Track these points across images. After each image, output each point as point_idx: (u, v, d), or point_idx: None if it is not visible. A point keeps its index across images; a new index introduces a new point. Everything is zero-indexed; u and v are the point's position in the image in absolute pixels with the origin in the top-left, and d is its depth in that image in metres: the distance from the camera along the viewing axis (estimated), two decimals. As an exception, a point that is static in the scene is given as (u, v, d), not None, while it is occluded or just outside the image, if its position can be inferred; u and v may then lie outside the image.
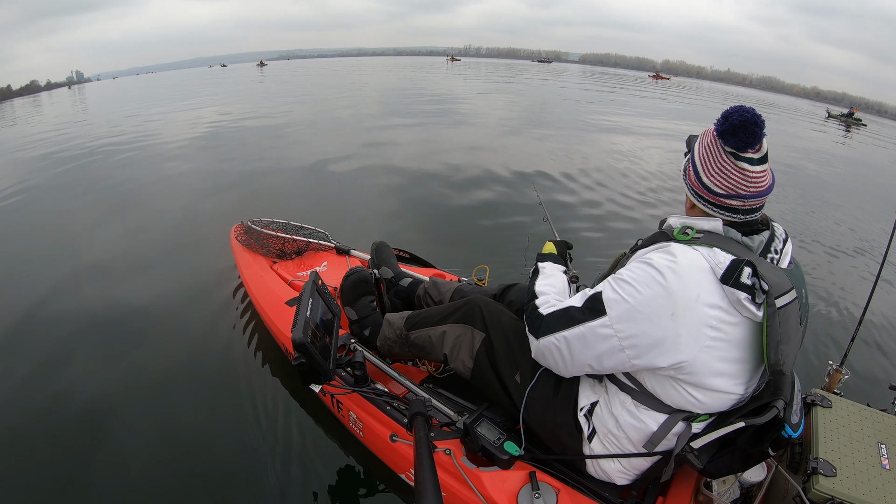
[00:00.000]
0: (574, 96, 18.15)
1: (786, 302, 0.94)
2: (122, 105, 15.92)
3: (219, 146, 7.42)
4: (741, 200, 0.99)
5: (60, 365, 2.27)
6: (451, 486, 1.27)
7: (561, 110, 13.25)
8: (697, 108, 18.84)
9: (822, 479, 1.13)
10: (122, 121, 11.06)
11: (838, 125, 22.28)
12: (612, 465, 1.19)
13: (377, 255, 2.06)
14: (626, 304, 0.99)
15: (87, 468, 1.72)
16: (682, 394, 1.03)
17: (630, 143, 8.48)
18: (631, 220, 4.42)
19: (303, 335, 1.17)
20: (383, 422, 1.51)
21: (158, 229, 4.04)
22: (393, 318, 1.67)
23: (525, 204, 4.57)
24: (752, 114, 0.95)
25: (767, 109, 25.11)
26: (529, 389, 1.28)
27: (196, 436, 1.86)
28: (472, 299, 1.50)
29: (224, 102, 14.30)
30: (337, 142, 7.45)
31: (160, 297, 2.87)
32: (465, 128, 9.28)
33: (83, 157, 6.96)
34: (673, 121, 12.68)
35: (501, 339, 1.38)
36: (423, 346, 1.56)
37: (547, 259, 1.41)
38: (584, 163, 6.48)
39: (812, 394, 1.40)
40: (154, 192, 5.12)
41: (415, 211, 4.46)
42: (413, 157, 6.29)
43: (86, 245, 3.74)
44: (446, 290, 1.84)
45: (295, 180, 5.50)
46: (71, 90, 36.02)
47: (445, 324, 1.50)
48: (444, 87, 18.75)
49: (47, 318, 2.66)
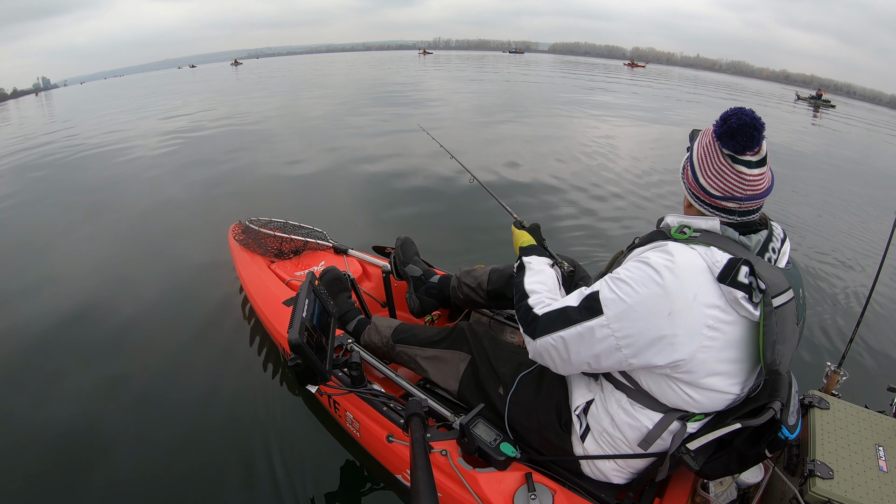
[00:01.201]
0: (568, 89, 18.18)
1: (783, 301, 0.94)
2: (100, 110, 15.35)
3: (207, 147, 7.39)
4: (737, 203, 0.99)
5: (57, 369, 2.27)
6: (447, 486, 1.27)
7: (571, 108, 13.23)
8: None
9: (819, 482, 1.13)
10: (102, 124, 10.91)
11: (807, 107, 23.56)
12: (607, 465, 1.19)
13: (403, 252, 2.03)
14: (624, 303, 0.98)
15: (82, 473, 1.72)
16: (678, 392, 1.03)
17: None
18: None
19: (299, 336, 1.17)
20: (380, 422, 1.50)
21: (148, 231, 4.04)
22: (381, 324, 1.73)
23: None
24: (750, 117, 0.94)
25: (738, 94, 26.81)
26: (510, 396, 1.32)
27: (191, 435, 1.86)
28: (459, 326, 1.57)
29: (224, 102, 14.17)
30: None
31: (157, 297, 2.87)
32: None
33: (52, 164, 6.79)
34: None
35: (483, 358, 1.45)
36: (407, 362, 1.63)
37: (531, 252, 1.37)
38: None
39: (810, 395, 1.39)
40: (155, 195, 5.08)
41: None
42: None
43: (80, 249, 3.73)
44: (480, 273, 1.84)
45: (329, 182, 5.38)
46: (38, 97, 34.72)
47: (435, 348, 1.56)
48: (433, 84, 18.40)
49: (43, 320, 2.67)
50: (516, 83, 19.55)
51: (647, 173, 6.01)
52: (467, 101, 12.68)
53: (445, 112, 10.48)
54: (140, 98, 18.23)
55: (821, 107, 24.46)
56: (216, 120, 9.95)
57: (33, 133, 10.65)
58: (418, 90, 15.13)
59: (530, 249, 1.39)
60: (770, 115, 15.02)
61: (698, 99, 19.25)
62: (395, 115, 9.78)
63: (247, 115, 10.50)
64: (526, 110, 11.37)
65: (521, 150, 6.83)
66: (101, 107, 16.25)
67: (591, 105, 12.99)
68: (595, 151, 6.99)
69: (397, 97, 13.01)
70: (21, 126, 13.13)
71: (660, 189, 5.39)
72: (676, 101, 17.33)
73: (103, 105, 16.91)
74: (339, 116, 9.86)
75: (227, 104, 13.17)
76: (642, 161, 6.66)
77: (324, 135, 8.02)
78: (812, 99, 27.13)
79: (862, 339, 2.65)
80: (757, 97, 27.71)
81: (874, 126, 18.45)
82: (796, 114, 18.40)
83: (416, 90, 15.05)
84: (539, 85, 19.54)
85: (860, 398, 1.47)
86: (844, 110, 25.89)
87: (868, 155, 10.60)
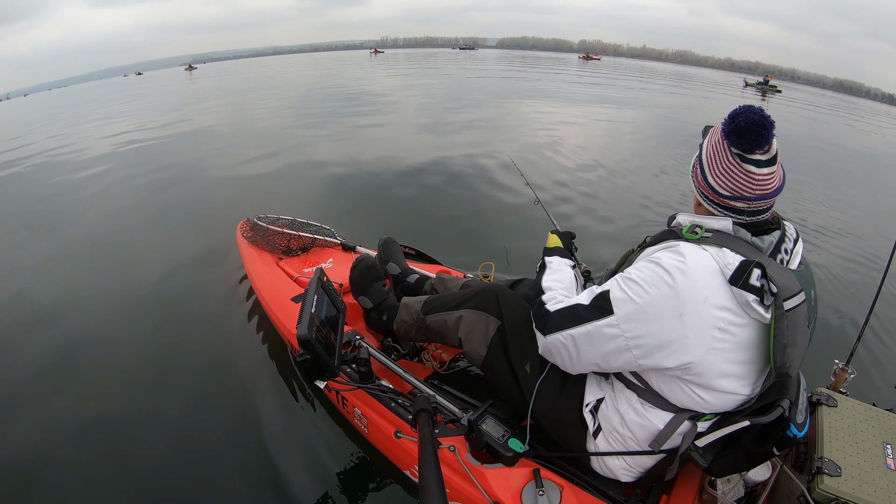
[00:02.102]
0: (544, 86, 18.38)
1: (794, 304, 0.93)
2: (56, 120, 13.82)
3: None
4: (746, 203, 0.98)
5: (67, 368, 2.30)
6: (455, 482, 1.28)
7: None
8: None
9: (826, 479, 1.13)
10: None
11: (755, 93, 25.19)
12: (616, 462, 1.19)
13: (384, 251, 2.06)
14: (634, 304, 0.98)
15: (107, 469, 1.75)
16: (689, 394, 1.03)
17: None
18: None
19: (307, 331, 1.18)
20: (388, 418, 1.51)
21: (158, 229, 4.06)
22: (410, 301, 1.67)
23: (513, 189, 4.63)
24: (759, 115, 0.93)
25: (687, 83, 27.86)
26: (540, 383, 1.28)
27: (200, 430, 1.88)
28: (489, 286, 1.50)
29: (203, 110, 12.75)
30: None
31: (165, 292, 2.90)
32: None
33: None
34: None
35: (514, 328, 1.38)
36: (439, 331, 1.55)
37: (553, 253, 1.40)
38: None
39: (818, 393, 1.39)
40: (152, 195, 5.09)
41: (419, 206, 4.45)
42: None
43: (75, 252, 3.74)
44: (453, 285, 1.84)
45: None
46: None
47: (462, 309, 1.50)
48: (385, 85, 17.86)
49: (68, 310, 2.70)
50: (493, 80, 19.77)
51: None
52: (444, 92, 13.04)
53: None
54: (108, 107, 16.20)
55: (768, 92, 26.41)
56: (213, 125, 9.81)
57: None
58: (377, 94, 14.26)
59: (554, 251, 1.41)
60: (722, 102, 17.21)
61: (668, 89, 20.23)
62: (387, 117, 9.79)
63: (249, 121, 10.13)
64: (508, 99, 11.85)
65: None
66: (56, 116, 14.65)
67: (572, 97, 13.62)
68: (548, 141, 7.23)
69: (364, 102, 12.49)
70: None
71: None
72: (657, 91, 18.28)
73: (59, 114, 15.45)
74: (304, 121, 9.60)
75: (217, 112, 12.18)
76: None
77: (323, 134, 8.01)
78: (760, 85, 29.04)
79: (870, 336, 2.63)
80: (708, 84, 28.86)
81: (820, 108, 20.68)
82: (746, 99, 19.39)
83: (376, 95, 14.05)
84: (523, 82, 19.74)
85: (868, 396, 1.47)
86: (790, 94, 27.94)
87: (816, 131, 12.25)
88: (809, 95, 31.96)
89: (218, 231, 3.60)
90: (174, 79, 30.37)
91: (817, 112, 18.90)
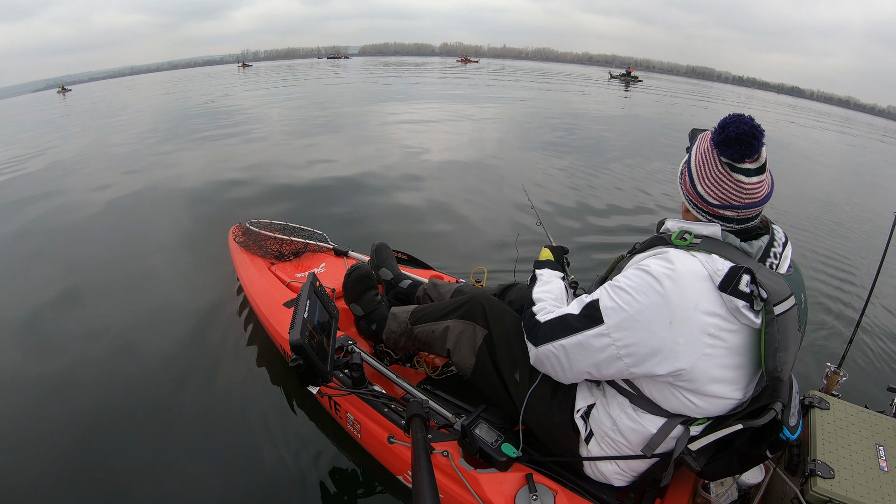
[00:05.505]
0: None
1: (785, 309, 0.93)
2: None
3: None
4: (735, 211, 0.98)
5: (61, 377, 2.27)
6: (448, 487, 1.27)
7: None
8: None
9: (819, 481, 1.13)
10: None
11: (619, 83, 28.09)
12: (609, 467, 1.19)
13: (377, 257, 2.06)
14: (624, 312, 0.98)
15: (93, 466, 1.72)
16: (681, 399, 1.03)
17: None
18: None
19: (300, 337, 1.17)
20: (381, 423, 1.50)
21: (150, 238, 4.02)
22: (398, 311, 1.68)
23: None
24: (749, 125, 0.92)
25: (553, 78, 29.86)
26: (533, 390, 1.27)
27: (189, 436, 1.86)
28: (475, 296, 1.50)
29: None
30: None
31: (157, 298, 2.87)
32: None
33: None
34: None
35: (503, 336, 1.38)
36: (427, 341, 1.56)
37: (544, 266, 1.41)
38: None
39: (810, 395, 1.40)
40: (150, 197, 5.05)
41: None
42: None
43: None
44: (446, 290, 1.84)
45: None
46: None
47: (448, 319, 1.50)
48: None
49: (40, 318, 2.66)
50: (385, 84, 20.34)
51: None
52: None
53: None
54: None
55: (630, 82, 29.45)
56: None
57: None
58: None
59: (545, 263, 1.42)
60: (591, 94, 19.72)
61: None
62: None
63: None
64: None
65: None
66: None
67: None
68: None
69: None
70: None
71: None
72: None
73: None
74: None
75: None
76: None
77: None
78: (623, 76, 32.43)
79: (861, 339, 2.65)
80: (577, 78, 31.21)
81: (676, 94, 24.02)
82: (612, 90, 22.19)
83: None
84: (423, 86, 19.95)
85: (860, 398, 1.47)
86: (648, 83, 31.28)
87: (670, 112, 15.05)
88: (666, 83, 35.77)
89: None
90: (45, 104, 23.64)
91: (676, 97, 21.81)
